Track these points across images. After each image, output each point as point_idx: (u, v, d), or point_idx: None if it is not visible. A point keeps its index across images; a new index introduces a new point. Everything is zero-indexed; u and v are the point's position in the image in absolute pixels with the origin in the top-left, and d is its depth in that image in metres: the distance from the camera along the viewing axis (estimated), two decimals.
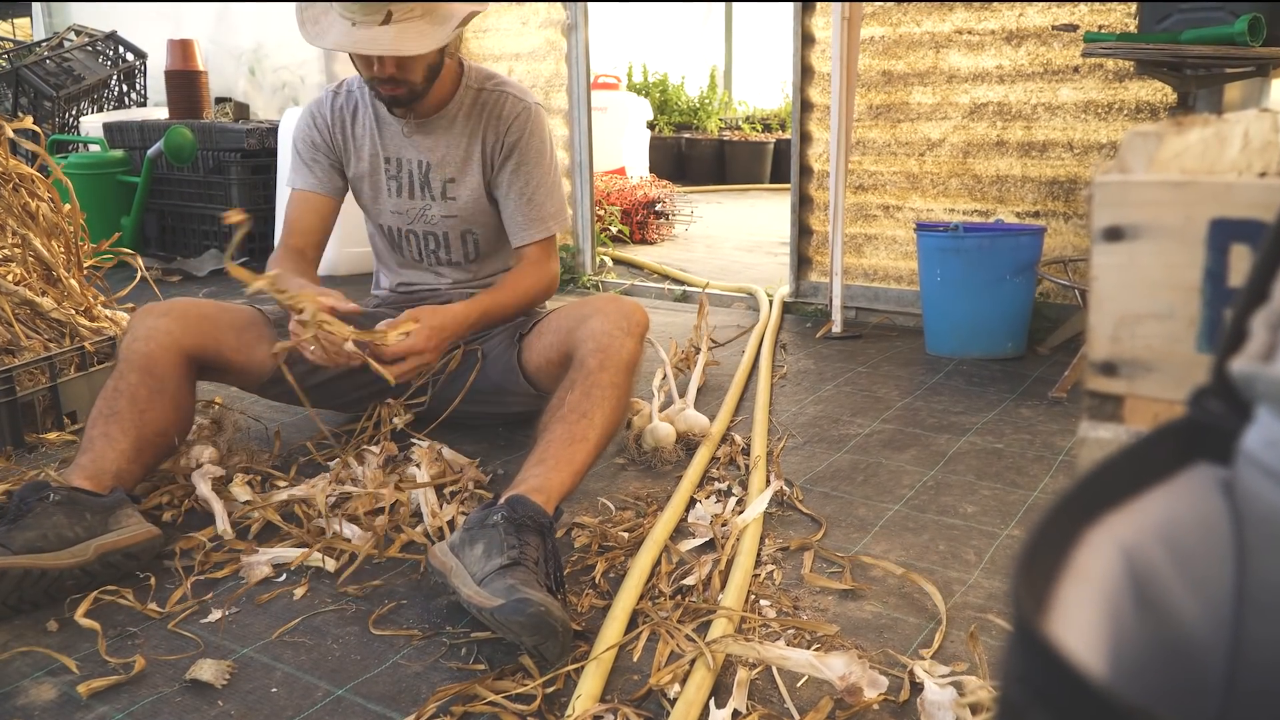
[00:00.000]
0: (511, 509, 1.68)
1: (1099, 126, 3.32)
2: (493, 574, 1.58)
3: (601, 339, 2.08)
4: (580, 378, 2.02)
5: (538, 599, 1.50)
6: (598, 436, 1.95)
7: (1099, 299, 0.70)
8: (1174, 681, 0.46)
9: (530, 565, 1.60)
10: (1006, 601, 1.70)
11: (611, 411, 2.01)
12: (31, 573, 1.67)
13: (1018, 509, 2.10)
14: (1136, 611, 0.44)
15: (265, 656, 1.59)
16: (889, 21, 3.63)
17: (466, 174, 2.43)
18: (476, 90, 2.43)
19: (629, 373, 2.09)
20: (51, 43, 6.72)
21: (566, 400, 1.99)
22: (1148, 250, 0.67)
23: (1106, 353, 0.70)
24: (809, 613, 1.69)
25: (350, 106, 2.47)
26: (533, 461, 1.88)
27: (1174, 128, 0.69)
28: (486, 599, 1.53)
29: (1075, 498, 0.44)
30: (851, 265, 3.88)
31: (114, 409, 1.99)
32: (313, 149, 2.48)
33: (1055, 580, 0.40)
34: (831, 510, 2.11)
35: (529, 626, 1.47)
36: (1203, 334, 0.66)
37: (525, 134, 2.42)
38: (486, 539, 1.65)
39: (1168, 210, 0.66)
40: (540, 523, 1.68)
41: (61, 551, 1.72)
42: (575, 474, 1.88)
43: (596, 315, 2.15)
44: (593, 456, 1.94)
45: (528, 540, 1.64)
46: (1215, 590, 0.47)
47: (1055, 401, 2.79)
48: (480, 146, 2.42)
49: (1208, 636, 0.47)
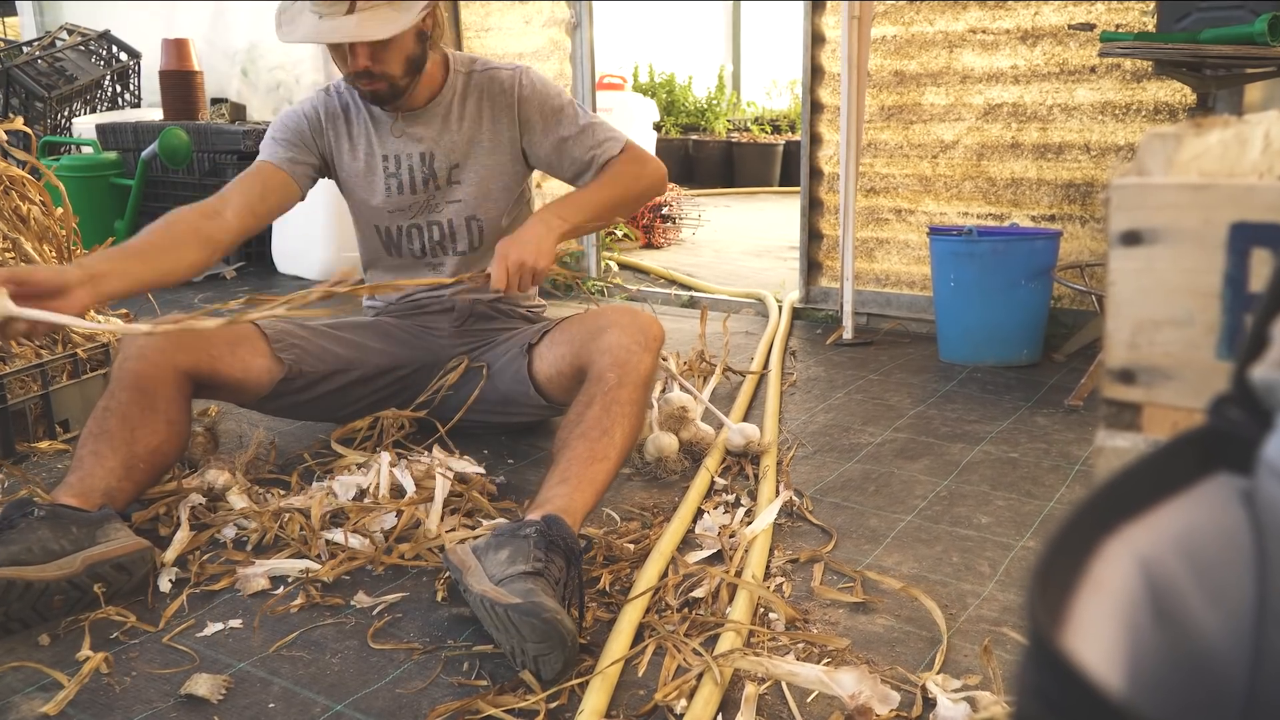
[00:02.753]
0: (547, 526, 1.69)
1: (1116, 128, 3.32)
2: (513, 577, 1.59)
3: (619, 353, 2.08)
4: (599, 393, 2.02)
5: (553, 607, 1.51)
6: (618, 455, 1.96)
7: (1116, 304, 0.70)
8: (1193, 695, 0.47)
9: (550, 581, 1.61)
10: (1021, 615, 1.70)
11: (631, 429, 2.02)
12: (16, 584, 1.65)
13: (1033, 520, 2.10)
14: (1155, 624, 0.44)
15: (262, 671, 1.59)
16: (901, 20, 3.64)
17: (471, 158, 2.44)
18: (465, 75, 2.44)
19: (647, 388, 2.10)
20: (43, 42, 6.73)
21: (586, 416, 1.99)
22: (1166, 255, 0.67)
23: (1124, 360, 0.70)
24: (819, 626, 1.69)
25: (344, 106, 2.47)
26: (555, 479, 1.88)
27: (1193, 129, 0.69)
28: (502, 595, 1.54)
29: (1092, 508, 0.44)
30: (863, 270, 3.88)
31: (104, 428, 1.99)
32: (293, 135, 2.45)
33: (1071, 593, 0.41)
34: (842, 521, 2.11)
35: (539, 631, 1.48)
36: (1222, 340, 0.66)
37: (533, 92, 2.43)
38: (514, 547, 1.66)
39: (1187, 214, 0.66)
40: (570, 547, 1.69)
41: (47, 564, 1.71)
42: (597, 494, 1.90)
43: (613, 329, 2.14)
44: (613, 475, 1.96)
45: (554, 559, 1.65)
46: (1235, 602, 0.47)
47: (1072, 410, 2.78)
48: (489, 127, 2.43)
49: (1228, 649, 0.47)
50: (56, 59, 6.43)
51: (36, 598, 1.68)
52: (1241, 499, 0.49)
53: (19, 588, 1.66)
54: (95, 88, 6.51)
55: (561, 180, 2.51)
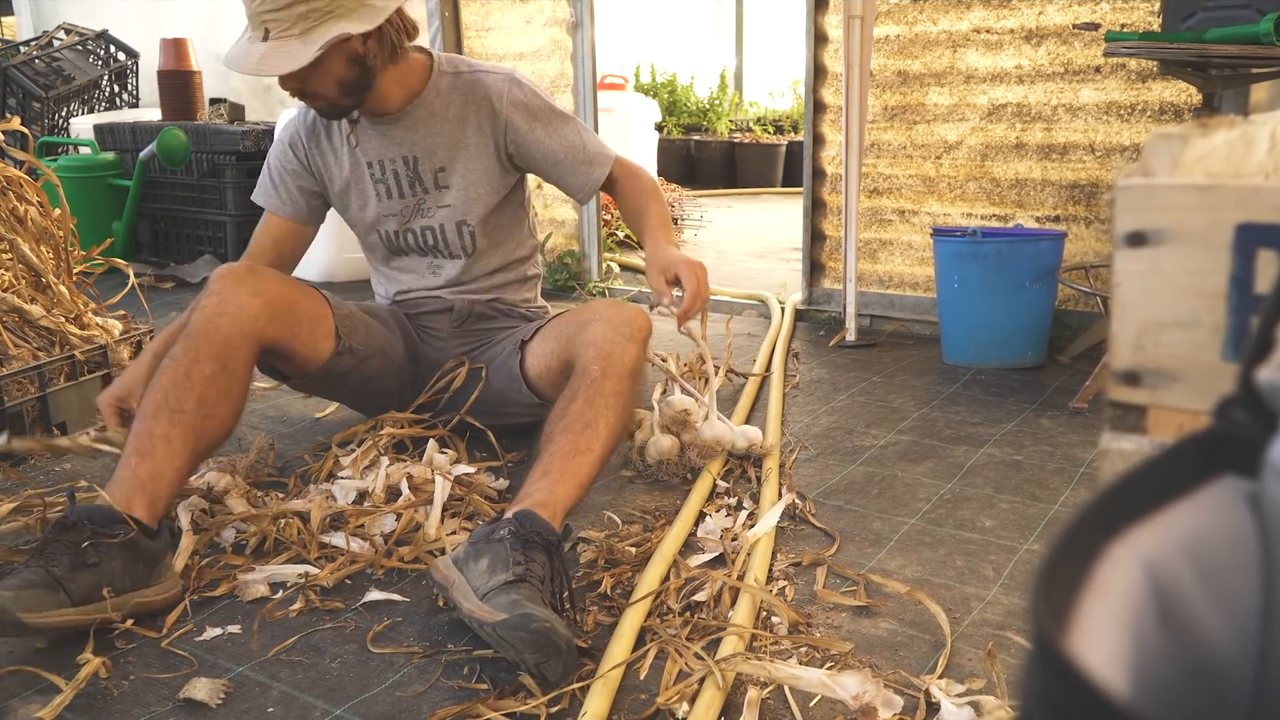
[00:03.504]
0: (519, 524, 1.68)
1: (1121, 128, 3.32)
2: (496, 589, 1.58)
3: (603, 345, 2.07)
4: (583, 386, 2.02)
5: (541, 615, 1.50)
6: (602, 447, 1.95)
7: (1121, 306, 0.70)
8: (1198, 700, 0.47)
9: (535, 582, 1.60)
10: (1026, 618, 1.70)
11: (616, 420, 2.00)
12: (79, 626, 1.65)
13: (1037, 523, 2.10)
14: (1160, 629, 0.44)
15: (261, 675, 1.59)
16: (904, 20, 3.64)
17: (457, 161, 2.43)
18: (452, 76, 2.43)
19: (633, 379, 2.08)
20: (40, 41, 6.75)
21: (569, 410, 1.98)
22: (1172, 256, 0.67)
23: (1129, 362, 0.70)
24: (822, 630, 1.69)
25: (323, 119, 2.47)
26: (537, 474, 1.87)
27: (1199, 129, 0.69)
28: (488, 613, 1.53)
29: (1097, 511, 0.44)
30: (866, 271, 3.88)
31: (181, 405, 1.91)
32: (283, 171, 2.50)
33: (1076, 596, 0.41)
34: (845, 524, 2.11)
35: (531, 643, 1.47)
36: (1228, 342, 0.66)
37: (523, 98, 2.42)
38: (492, 554, 1.65)
39: (1192, 215, 0.66)
40: (548, 540, 1.68)
41: (104, 602, 1.68)
42: (581, 486, 1.88)
43: (597, 321, 2.14)
44: (598, 468, 1.94)
45: (534, 557, 1.64)
46: (1241, 606, 0.47)
47: (1076, 412, 2.78)
48: (474, 131, 2.41)
49: (1233, 653, 0.47)
50: (54, 59, 6.44)
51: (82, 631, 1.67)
52: (1247, 502, 0.49)
53: (82, 628, 1.66)
54: (93, 88, 6.52)
55: (553, 185, 2.51)
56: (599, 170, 2.43)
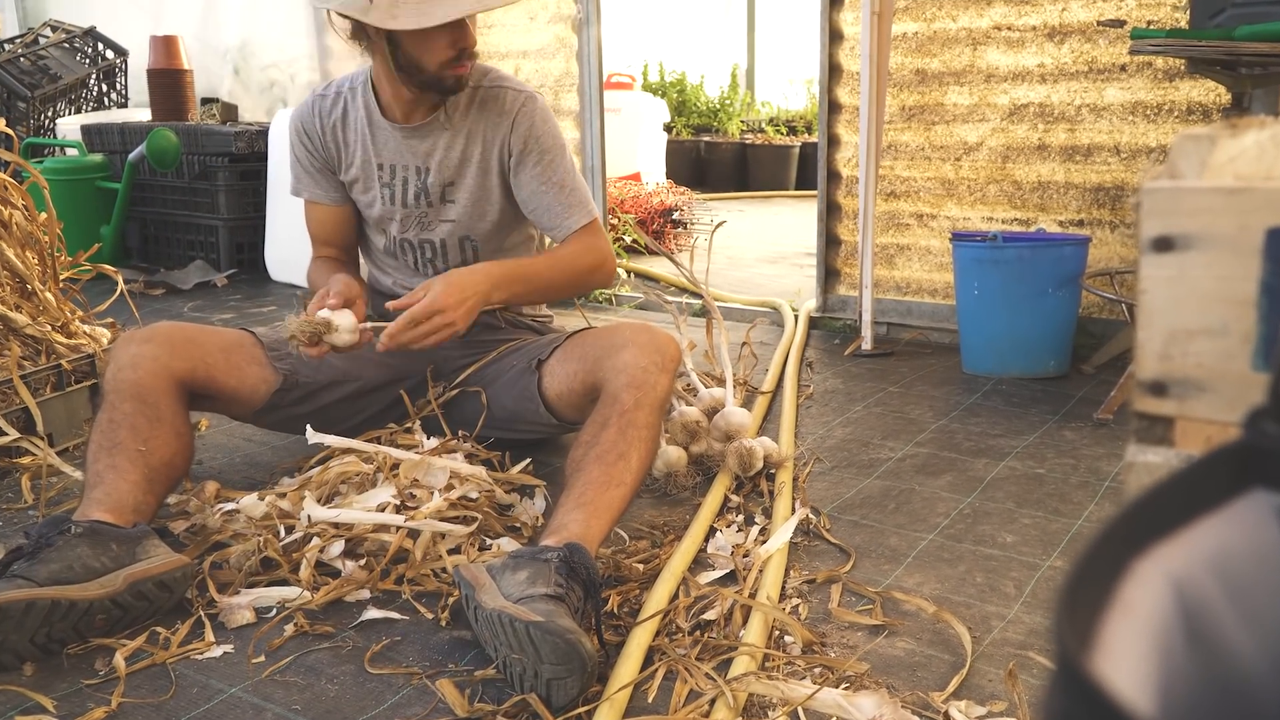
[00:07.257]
0: (570, 553, 1.69)
1: (1148, 129, 3.32)
2: (535, 597, 1.60)
3: (636, 374, 2.08)
4: (615, 415, 2.02)
5: (576, 629, 1.52)
6: (634, 480, 1.97)
7: (1147, 314, 0.70)
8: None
9: (571, 608, 1.62)
10: (1048, 638, 1.69)
11: (647, 454, 2.03)
12: (60, 604, 1.66)
13: (1061, 539, 2.10)
14: (1187, 647, 0.45)
15: (254, 697, 1.60)
16: (923, 16, 3.65)
17: (464, 176, 2.44)
18: (473, 88, 2.42)
19: (662, 411, 2.11)
20: (26, 39, 6.77)
21: (601, 437, 1.99)
22: (1200, 261, 0.67)
23: (1155, 371, 0.70)
24: (837, 649, 1.69)
25: (340, 110, 2.47)
26: (571, 504, 1.88)
27: (1228, 130, 0.69)
28: (524, 612, 1.54)
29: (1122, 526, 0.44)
30: (882, 278, 3.88)
31: (114, 440, 1.99)
32: (310, 159, 2.52)
33: (1101, 615, 0.41)
34: (861, 540, 2.11)
35: (560, 651, 1.48)
36: (1258, 351, 0.66)
37: (535, 123, 2.41)
38: (533, 569, 1.66)
39: (1221, 219, 0.66)
40: (591, 579, 1.69)
41: (89, 583, 1.71)
42: (613, 521, 1.91)
43: (629, 347, 2.14)
44: (628, 502, 1.96)
45: (574, 587, 1.65)
46: (1271, 624, 0.47)
47: (1101, 423, 2.78)
48: (481, 146, 2.42)
49: (1263, 674, 0.47)
50: (40, 57, 6.46)
51: (79, 617, 1.69)
52: (1278, 517, 0.49)
53: (62, 608, 1.67)
54: (80, 87, 6.54)
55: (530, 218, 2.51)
56: (576, 219, 2.42)
